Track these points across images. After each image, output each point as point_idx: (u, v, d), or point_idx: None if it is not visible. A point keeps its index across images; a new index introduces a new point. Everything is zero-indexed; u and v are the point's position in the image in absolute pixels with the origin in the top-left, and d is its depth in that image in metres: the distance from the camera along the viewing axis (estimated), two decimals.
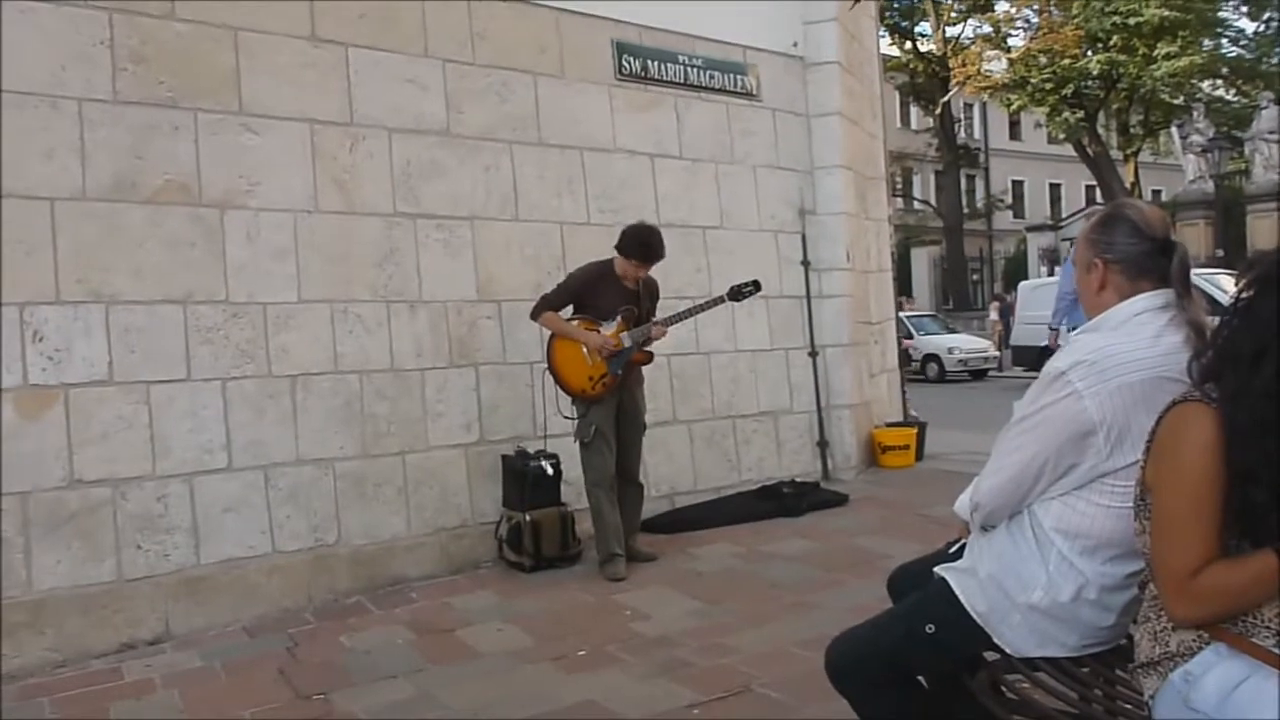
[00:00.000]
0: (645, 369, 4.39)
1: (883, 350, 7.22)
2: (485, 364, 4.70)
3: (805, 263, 6.13)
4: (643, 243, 4.16)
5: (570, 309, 4.29)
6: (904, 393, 7.75)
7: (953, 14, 26.71)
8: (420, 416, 4.48)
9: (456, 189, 4.67)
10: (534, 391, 4.74)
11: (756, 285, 4.44)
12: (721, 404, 5.67)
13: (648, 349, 4.28)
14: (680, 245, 5.37)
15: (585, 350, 4.18)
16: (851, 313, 6.27)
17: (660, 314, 4.31)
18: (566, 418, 4.34)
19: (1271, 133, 18.37)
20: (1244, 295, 1.32)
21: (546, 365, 4.28)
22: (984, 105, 32.87)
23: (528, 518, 4.38)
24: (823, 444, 6.12)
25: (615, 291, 4.25)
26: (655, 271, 4.35)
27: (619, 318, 4.23)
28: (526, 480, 4.40)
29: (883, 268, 7.39)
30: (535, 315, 4.29)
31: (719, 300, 4.35)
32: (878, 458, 6.45)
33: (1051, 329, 7.05)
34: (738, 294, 4.40)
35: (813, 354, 6.08)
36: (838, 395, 6.13)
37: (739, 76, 5.79)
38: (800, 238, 6.10)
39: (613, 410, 4.24)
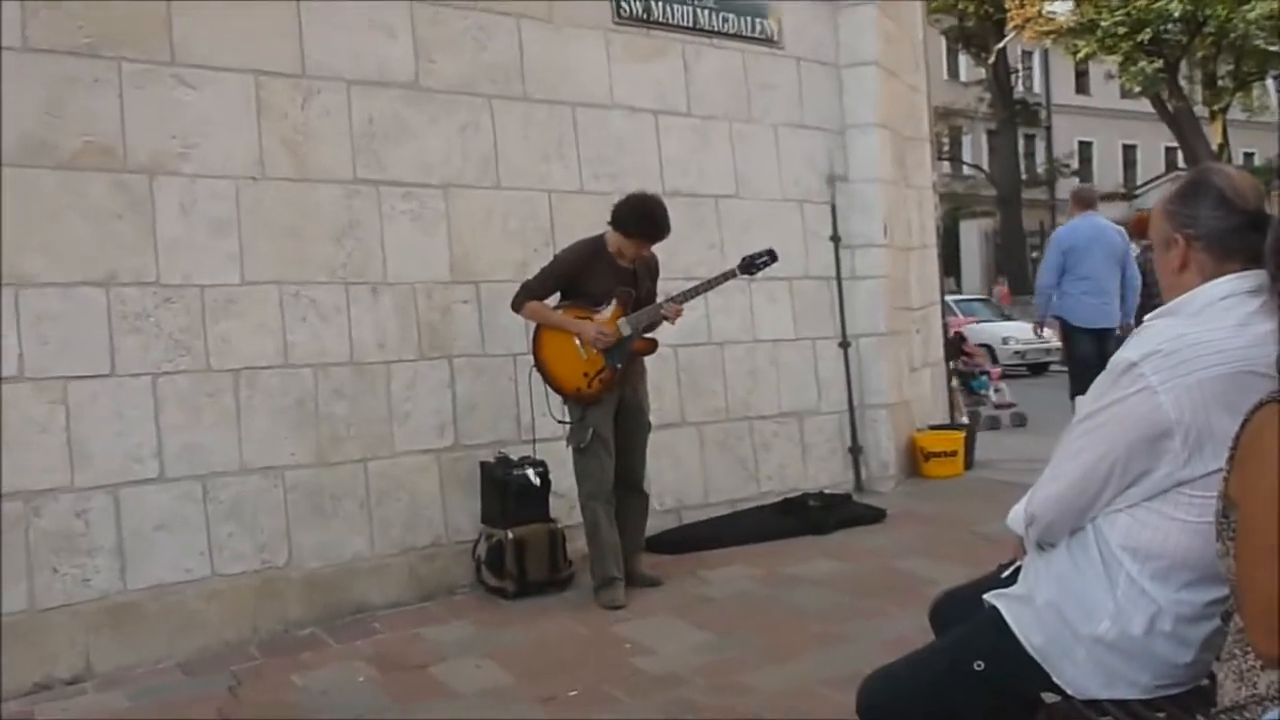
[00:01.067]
0: (648, 361, 4.42)
1: (925, 340, 7.23)
2: (461, 356, 4.73)
3: (835, 238, 6.09)
4: (645, 216, 4.16)
5: (556, 296, 4.33)
6: (951, 390, 7.78)
7: None
8: (385, 417, 4.50)
9: (427, 152, 4.69)
10: (518, 387, 4.76)
11: (772, 255, 4.44)
12: (737, 402, 5.70)
13: (650, 335, 4.30)
14: (688, 218, 5.40)
15: (578, 342, 4.19)
16: (889, 296, 6.28)
17: (662, 298, 4.34)
18: (560, 421, 4.34)
19: None
20: None
21: (533, 362, 4.29)
22: (1045, 53, 32.72)
23: (510, 535, 4.40)
24: (855, 450, 6.13)
25: (609, 272, 4.28)
26: (659, 248, 4.39)
27: (614, 302, 4.24)
28: (509, 491, 4.43)
29: (926, 244, 7.39)
30: (517, 306, 4.30)
31: (729, 275, 4.36)
32: (919, 466, 6.46)
33: (1036, 321, 7.23)
34: (750, 266, 4.40)
35: (844, 345, 6.11)
36: (873, 393, 6.16)
37: (758, 20, 5.79)
38: (829, 209, 6.11)
39: (612, 409, 4.25)
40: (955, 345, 8.98)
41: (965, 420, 7.38)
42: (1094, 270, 6.87)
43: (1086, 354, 6.91)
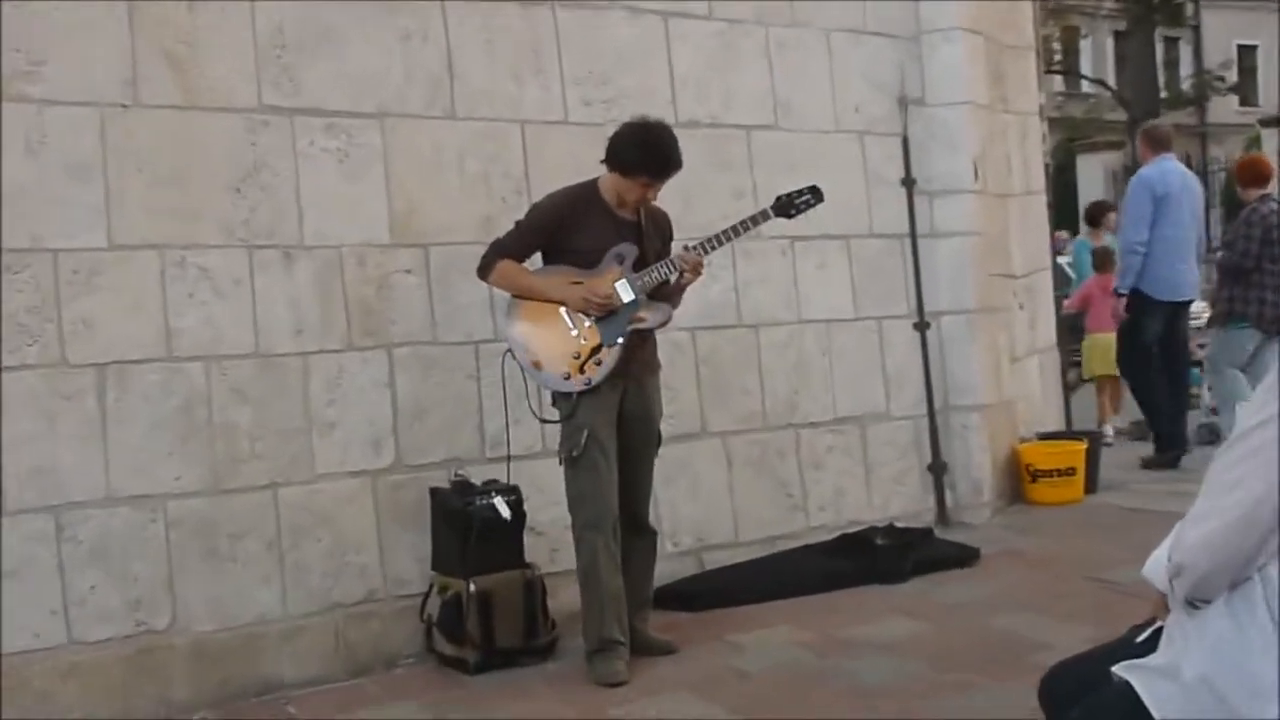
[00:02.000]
0: (661, 340, 4.58)
1: (1032, 318, 7.28)
2: (404, 345, 4.78)
3: (908, 182, 6.13)
4: (647, 146, 4.27)
5: (539, 260, 4.43)
6: (1066, 385, 7.81)
7: None
8: (302, 428, 4.55)
9: (358, 68, 4.75)
10: (481, 385, 4.82)
11: (816, 194, 4.54)
12: (778, 405, 5.76)
13: (662, 303, 4.37)
14: (710, 156, 5.46)
15: (565, 313, 4.29)
16: (981, 259, 6.32)
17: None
18: (544, 420, 4.45)
19: None
20: None
21: (508, 344, 4.36)
22: None
23: (472, 588, 4.43)
24: (937, 468, 6.19)
25: (605, 226, 4.33)
26: (669, 200, 4.47)
27: (613, 260, 4.32)
28: (470, 527, 4.46)
29: (1031, 188, 7.44)
30: (485, 271, 4.38)
31: (760, 217, 4.47)
32: (1025, 489, 6.50)
33: (1119, 294, 7.42)
34: (788, 207, 4.50)
35: (921, 326, 6.19)
36: (961, 391, 6.22)
37: None
38: (900, 142, 6.16)
39: (613, 409, 4.33)
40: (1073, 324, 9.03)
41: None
42: (1177, 228, 7.15)
43: (1155, 336, 7.17)
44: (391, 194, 4.79)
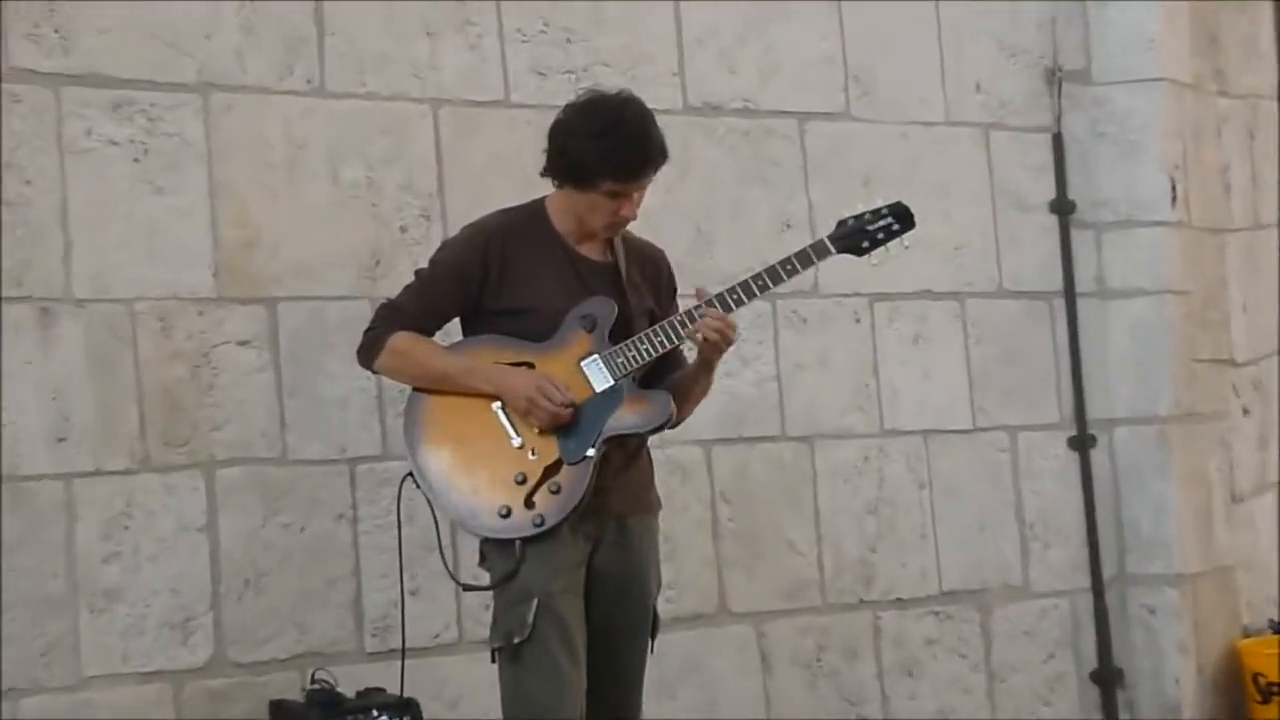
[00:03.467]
0: (658, 469, 4.53)
1: (1263, 432, 7.19)
2: (234, 463, 4.90)
3: (1063, 207, 6.26)
4: (608, 132, 4.23)
5: (456, 330, 4.43)
6: None
7: None
8: (64, 597, 4.57)
9: (165, 16, 4.84)
10: (357, 532, 4.98)
11: (902, 217, 4.42)
12: (844, 570, 5.85)
13: (658, 395, 4.30)
14: (738, 162, 5.60)
15: (501, 413, 4.26)
16: (1181, 335, 6.35)
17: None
18: (465, 587, 4.50)
19: None
20: None
21: (410, 459, 4.35)
22: None
23: None
24: (1108, 676, 6.20)
25: (562, 273, 4.29)
26: (668, 232, 4.58)
27: (577, 325, 4.31)
28: None
29: (1262, 219, 7.36)
30: (371, 350, 4.32)
31: (812, 254, 4.39)
32: (1250, 712, 6.46)
33: None
34: (858, 237, 4.40)
35: (1082, 443, 6.26)
36: (1146, 551, 6.25)
37: None
38: (1049, 143, 6.25)
39: (580, 568, 4.28)
40: None
41: None
42: None
43: None
44: (218, 216, 4.89)
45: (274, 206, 4.97)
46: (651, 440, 4.46)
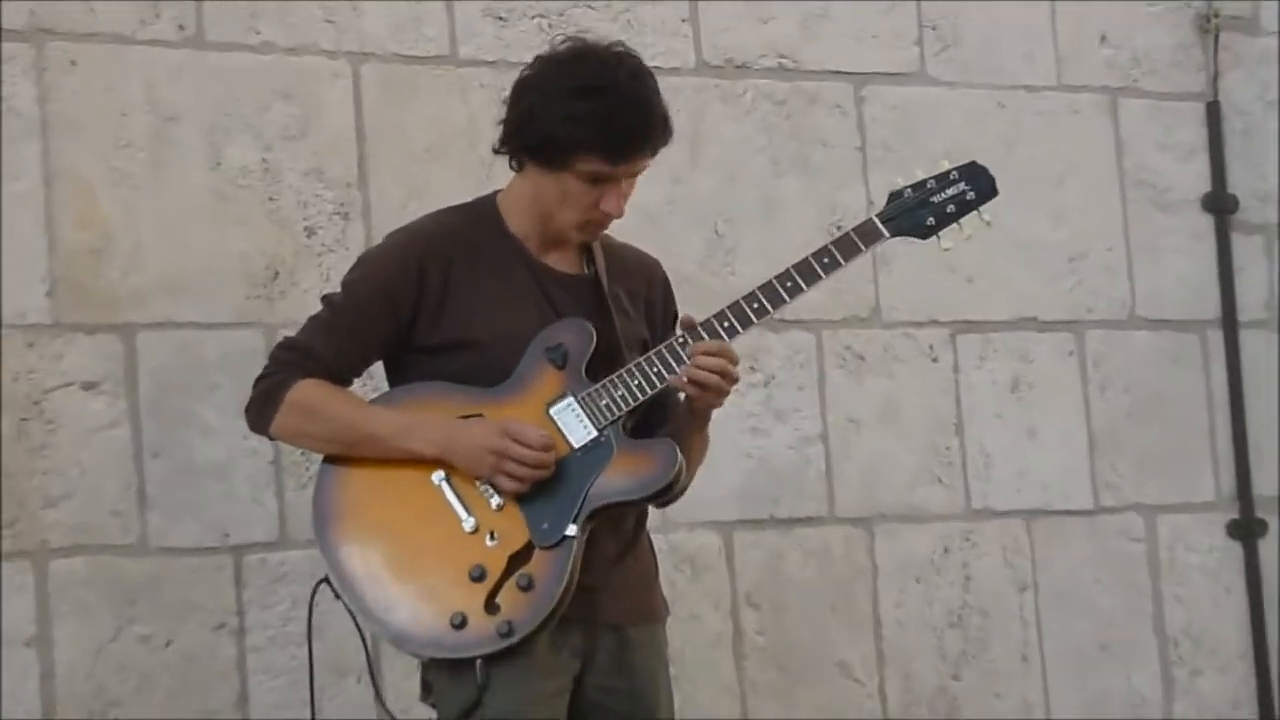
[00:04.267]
0: (661, 558, 4.48)
1: None
2: (78, 550, 4.88)
3: (1220, 203, 6.18)
4: (598, 90, 4.16)
5: (382, 370, 4.40)
6: None
7: None
8: None
9: None
10: (243, 646, 4.97)
11: (977, 183, 4.38)
12: (915, 700, 5.86)
13: (657, 464, 4.21)
14: (773, 141, 5.62)
15: (447, 485, 4.17)
16: None
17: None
18: None
19: None
20: None
21: (322, 553, 4.22)
22: None
23: None
24: None
25: (522, 289, 4.25)
26: (666, 241, 4.51)
27: (543, 359, 4.25)
28: None
29: None
30: (266, 405, 4.24)
31: (858, 240, 4.33)
32: None
33: None
34: (918, 214, 4.37)
35: (1246, 528, 6.19)
36: None
37: None
38: (1203, 115, 6.24)
39: (562, 697, 4.18)
40: None
41: None
42: None
43: None
44: (55, 211, 4.89)
45: (133, 199, 4.97)
46: (652, 520, 4.40)
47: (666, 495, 4.22)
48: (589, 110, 4.05)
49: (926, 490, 5.80)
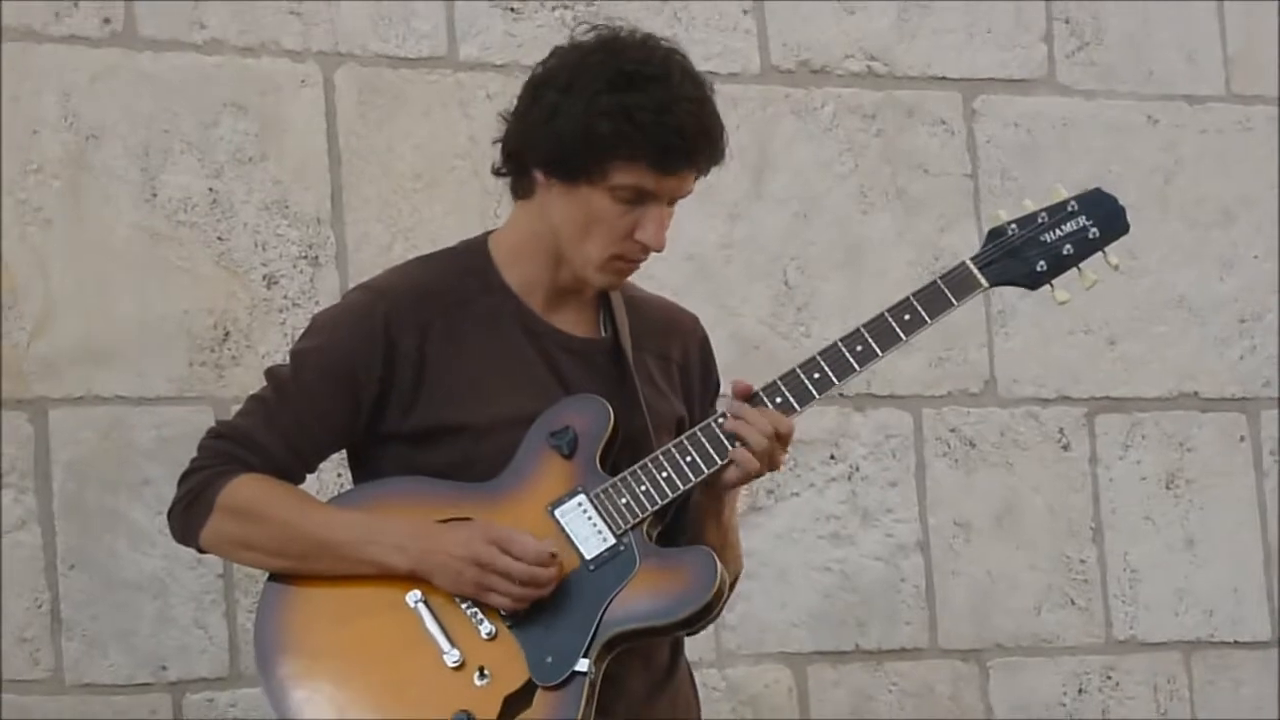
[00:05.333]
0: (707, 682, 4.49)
1: None
2: None
3: None
4: (652, 92, 4.09)
5: (346, 462, 4.40)
6: None
7: None
8: None
9: None
10: None
11: (1101, 216, 4.35)
12: None
13: (693, 579, 4.20)
14: (863, 164, 5.50)
15: (424, 607, 4.11)
16: None
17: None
18: None
19: None
20: None
21: (266, 694, 4.17)
22: None
23: None
24: None
25: (520, 358, 4.25)
26: (742, 283, 4.55)
27: (545, 447, 4.27)
28: None
29: None
30: (195, 508, 4.20)
31: (951, 287, 4.26)
32: None
33: None
34: (1025, 256, 4.31)
35: None
36: None
37: None
38: None
39: None
40: None
41: None
42: None
43: None
44: None
45: (44, 241, 5.02)
46: (701, 650, 4.45)
47: (703, 621, 4.14)
48: (637, 103, 3.92)
49: (1056, 615, 5.71)
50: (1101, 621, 5.74)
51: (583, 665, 4.04)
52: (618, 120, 4.00)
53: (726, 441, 4.12)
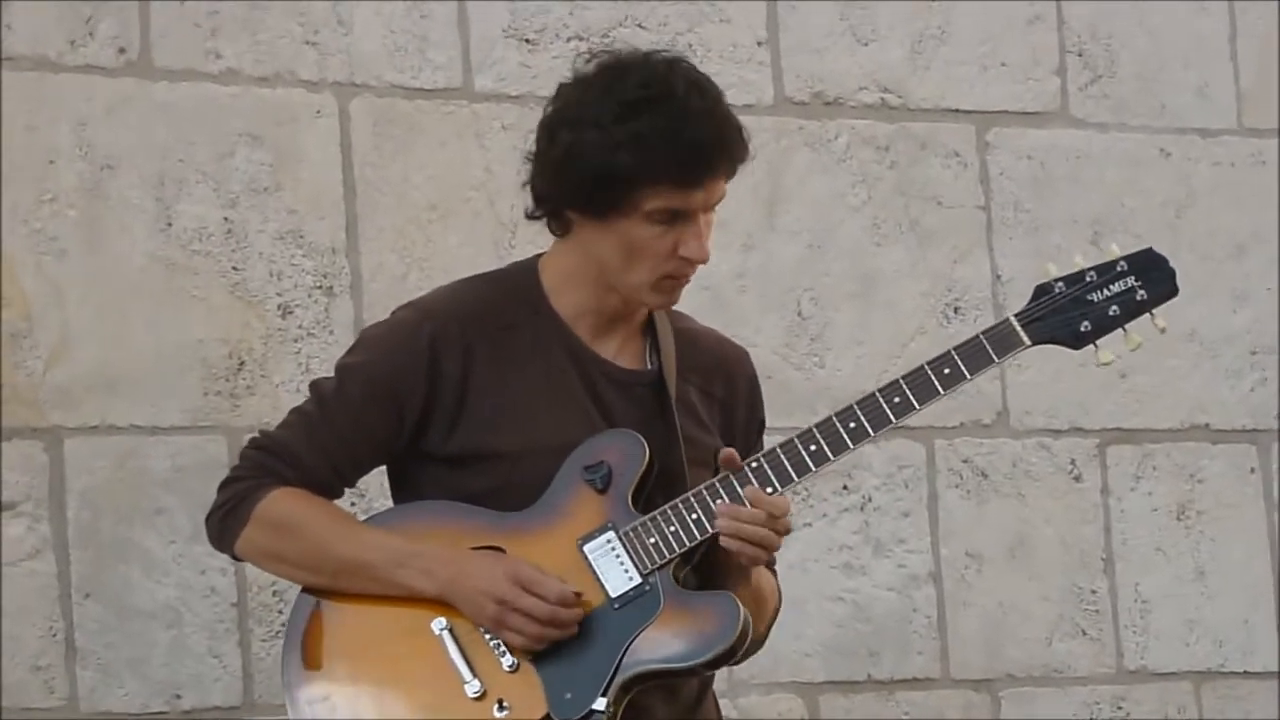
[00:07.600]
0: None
1: None
2: None
3: None
4: (665, 108, 4.05)
5: (378, 483, 4.39)
6: None
7: None
8: None
9: None
10: None
11: (1150, 277, 4.21)
12: None
13: (720, 623, 4.16)
14: (876, 197, 5.55)
15: (447, 634, 4.10)
16: None
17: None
18: None
19: None
20: None
21: (286, 699, 4.12)
22: None
23: None
24: None
25: (565, 388, 4.23)
26: (755, 319, 4.55)
27: (579, 481, 4.26)
28: None
29: None
30: (232, 517, 4.19)
31: (993, 345, 4.21)
32: None
33: None
34: (1070, 316, 4.24)
35: None
36: None
37: None
38: None
39: None
40: None
41: None
42: None
43: None
44: None
45: (60, 269, 5.01)
46: (717, 681, 4.34)
47: (727, 662, 4.07)
48: (648, 128, 3.89)
49: (1067, 645, 5.72)
50: (1113, 652, 5.76)
51: (600, 704, 4.04)
52: (633, 150, 4.00)
53: (743, 495, 4.12)
